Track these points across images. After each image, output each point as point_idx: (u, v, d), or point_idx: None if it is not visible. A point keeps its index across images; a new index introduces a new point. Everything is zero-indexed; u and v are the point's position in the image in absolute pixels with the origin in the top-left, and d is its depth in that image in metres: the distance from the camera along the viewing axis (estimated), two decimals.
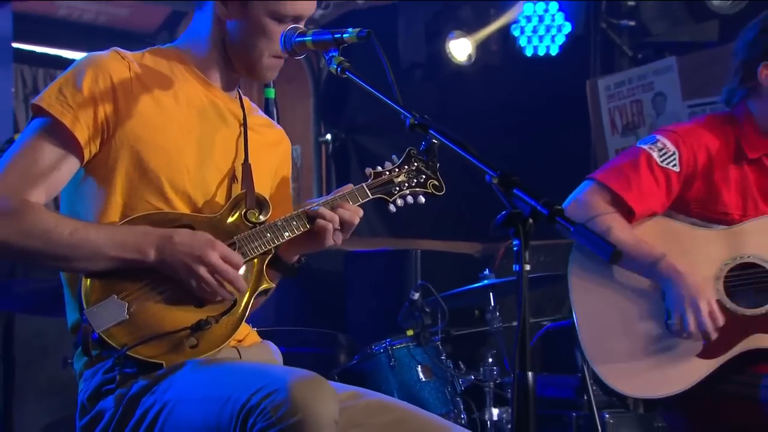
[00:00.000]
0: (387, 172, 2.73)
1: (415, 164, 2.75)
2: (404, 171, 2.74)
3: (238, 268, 2.51)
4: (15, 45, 6.13)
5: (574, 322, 3.25)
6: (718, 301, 3.18)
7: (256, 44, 2.64)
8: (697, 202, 3.32)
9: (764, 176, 3.35)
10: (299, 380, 2.27)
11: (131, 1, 7.28)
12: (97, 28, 7.22)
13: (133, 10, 7.30)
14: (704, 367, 3.15)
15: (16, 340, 4.32)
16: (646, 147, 3.31)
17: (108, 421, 2.50)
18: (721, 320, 3.13)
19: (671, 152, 3.30)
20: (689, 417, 3.23)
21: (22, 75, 6.96)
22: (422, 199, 2.75)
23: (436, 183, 2.76)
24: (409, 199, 2.74)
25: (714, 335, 3.12)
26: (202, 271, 2.46)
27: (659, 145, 3.31)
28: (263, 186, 2.75)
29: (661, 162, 3.28)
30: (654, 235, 3.26)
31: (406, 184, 2.73)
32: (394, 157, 2.75)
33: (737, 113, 3.40)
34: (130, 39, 6.92)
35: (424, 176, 2.75)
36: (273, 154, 2.86)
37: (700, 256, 3.22)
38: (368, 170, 2.74)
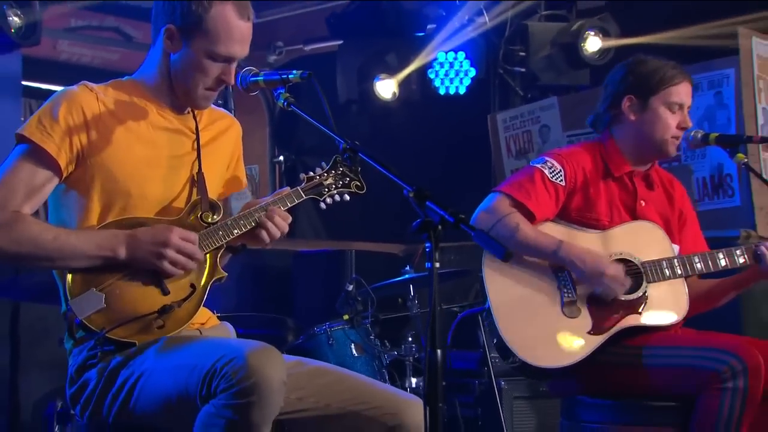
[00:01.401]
0: (317, 177, 2.69)
1: (341, 169, 2.70)
2: (332, 175, 2.69)
3: (195, 243, 2.49)
4: (24, 83, 5.98)
5: (488, 308, 3.22)
6: None
7: (193, 76, 2.59)
8: (576, 211, 3.33)
9: (625, 191, 3.38)
10: (254, 350, 2.26)
11: (119, 48, 7.22)
12: (92, 68, 7.09)
13: (121, 55, 7.20)
14: (594, 342, 3.16)
15: (21, 323, 4.25)
16: (539, 166, 3.32)
17: (92, 389, 2.48)
18: (627, 282, 3.19)
19: (558, 170, 3.30)
20: (581, 382, 3.24)
21: (30, 107, 6.80)
22: (347, 197, 2.71)
23: (359, 183, 2.71)
24: (336, 197, 2.70)
25: (617, 287, 3.17)
26: (169, 251, 2.44)
27: (549, 164, 3.32)
28: (219, 171, 2.74)
29: (551, 178, 3.28)
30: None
31: (334, 186, 2.68)
32: (323, 163, 2.71)
33: (603, 140, 3.43)
34: (120, 78, 6.84)
35: (348, 178, 2.70)
36: (226, 139, 2.81)
37: None
38: (302, 175, 2.70)
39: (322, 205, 2.69)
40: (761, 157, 4.72)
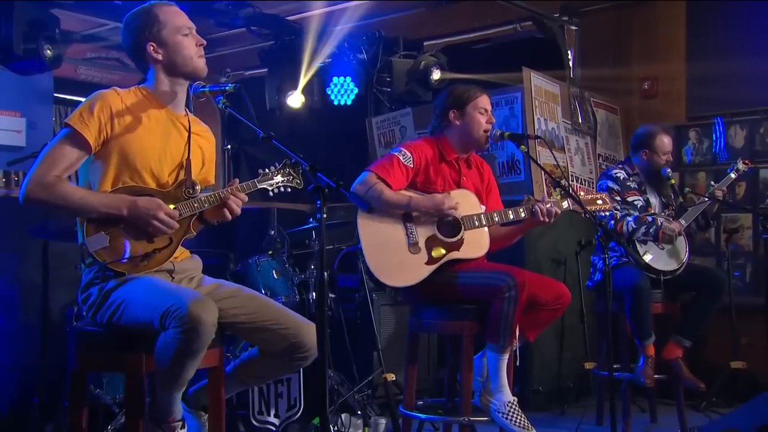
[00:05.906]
0: (270, 173, 2.63)
1: (288, 170, 2.63)
2: (281, 173, 2.62)
3: (175, 218, 2.45)
4: (55, 94, 5.82)
5: (360, 247, 3.21)
6: (434, 235, 3.24)
7: (181, 51, 2.54)
8: (421, 183, 3.33)
9: (453, 170, 3.42)
10: (193, 300, 2.24)
11: (119, 72, 7.12)
12: (101, 85, 6.91)
13: (120, 77, 7.06)
14: (428, 269, 3.21)
15: (50, 254, 4.09)
16: (396, 153, 3.31)
17: (93, 300, 2.45)
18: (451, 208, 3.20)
19: (409, 156, 3.30)
20: (420, 293, 3.28)
21: (59, 111, 6.56)
22: (289, 190, 2.65)
23: (299, 181, 2.65)
24: (281, 189, 2.64)
25: (453, 210, 3.20)
26: (155, 222, 2.40)
27: (402, 152, 3.31)
28: (199, 163, 2.65)
29: (404, 162, 3.29)
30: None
31: (281, 181, 2.62)
32: (276, 163, 2.64)
33: (438, 137, 3.46)
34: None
35: (292, 177, 2.64)
36: (206, 142, 2.73)
37: None
38: (260, 171, 2.64)
39: (271, 194, 2.62)
40: (537, 149, 4.91)
